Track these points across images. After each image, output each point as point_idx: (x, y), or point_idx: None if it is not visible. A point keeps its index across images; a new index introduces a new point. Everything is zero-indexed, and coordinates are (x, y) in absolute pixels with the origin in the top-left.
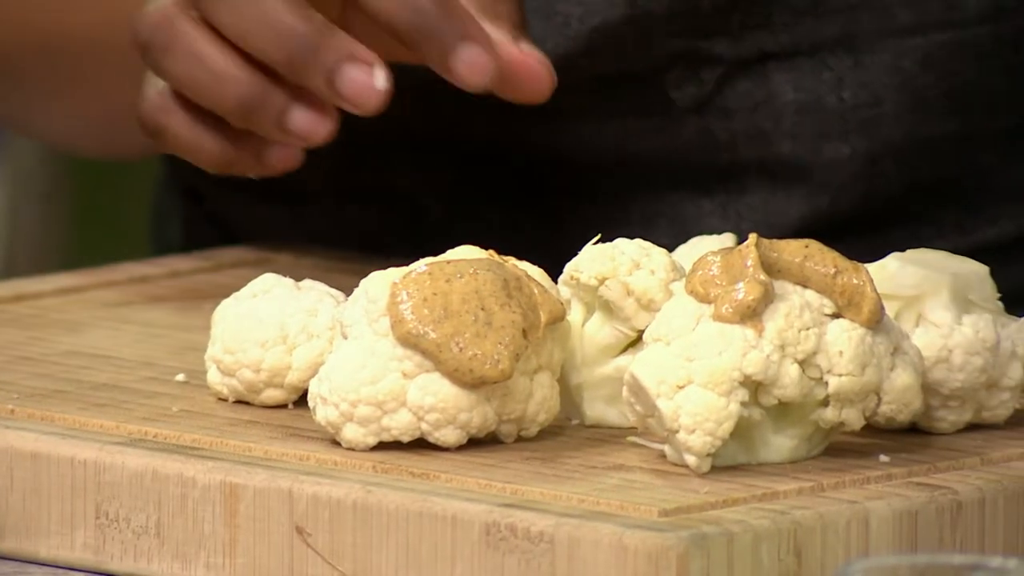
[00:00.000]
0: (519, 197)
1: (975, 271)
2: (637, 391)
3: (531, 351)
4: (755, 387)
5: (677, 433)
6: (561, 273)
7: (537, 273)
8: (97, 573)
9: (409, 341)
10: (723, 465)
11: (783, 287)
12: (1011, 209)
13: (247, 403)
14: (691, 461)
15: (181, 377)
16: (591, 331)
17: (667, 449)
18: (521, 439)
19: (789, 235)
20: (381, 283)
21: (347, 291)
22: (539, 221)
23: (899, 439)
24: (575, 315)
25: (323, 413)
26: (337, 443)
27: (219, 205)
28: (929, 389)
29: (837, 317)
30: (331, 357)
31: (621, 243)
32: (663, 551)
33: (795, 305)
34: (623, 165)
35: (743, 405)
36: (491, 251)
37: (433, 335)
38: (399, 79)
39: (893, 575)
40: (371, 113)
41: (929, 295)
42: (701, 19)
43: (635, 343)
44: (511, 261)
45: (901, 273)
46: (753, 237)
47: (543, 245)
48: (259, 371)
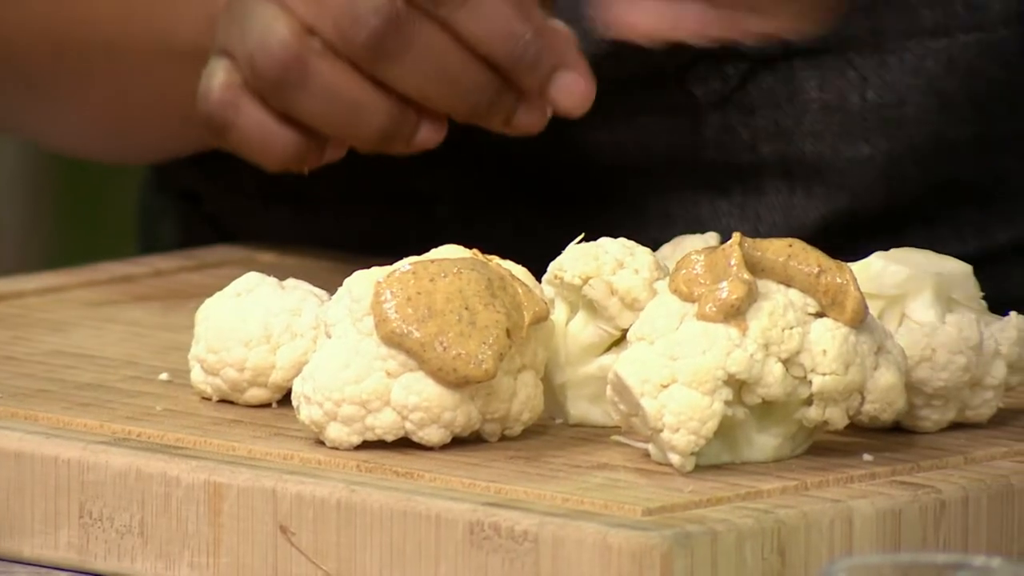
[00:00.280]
0: (533, 201)
1: (958, 270)
2: (621, 390)
3: (515, 350)
4: (739, 386)
5: (661, 432)
6: None
7: (521, 272)
8: (81, 572)
9: (393, 340)
10: (707, 464)
11: (767, 286)
12: None
13: (231, 402)
14: (675, 460)
15: (165, 376)
16: (575, 330)
17: (651, 448)
18: (505, 438)
19: (808, 236)
20: (365, 282)
21: (331, 290)
22: (552, 224)
23: (883, 438)
24: (559, 314)
25: (307, 412)
26: (321, 442)
27: (219, 207)
28: (912, 388)
29: (821, 316)
30: (315, 356)
31: (605, 242)
32: (647, 550)
33: (779, 304)
34: (641, 166)
35: (727, 404)
36: (475, 250)
37: (417, 334)
38: None
39: (877, 574)
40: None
41: (912, 294)
42: None
43: (619, 342)
44: (495, 260)
45: (884, 272)
46: (737, 236)
47: (556, 249)
48: (243, 370)
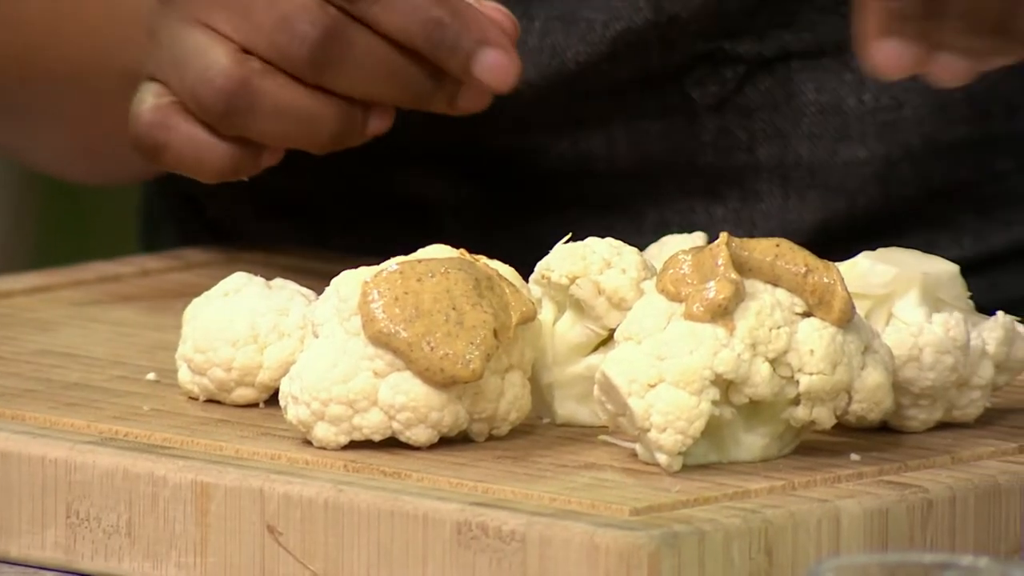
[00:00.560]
0: (532, 207)
1: (945, 270)
2: (608, 390)
3: (502, 350)
4: (726, 386)
5: (648, 432)
6: None
7: (508, 272)
8: (68, 572)
9: (380, 340)
10: (694, 464)
11: (754, 286)
12: None
13: (218, 402)
14: (662, 460)
15: (152, 376)
16: (562, 330)
17: (638, 448)
18: (492, 438)
19: (804, 241)
20: (352, 282)
21: (318, 290)
22: (552, 230)
23: (870, 438)
24: (546, 314)
25: (294, 412)
26: (308, 442)
27: (220, 214)
28: (900, 388)
29: (808, 316)
30: (302, 356)
31: (592, 242)
32: (634, 550)
33: (766, 304)
34: (638, 169)
35: (714, 404)
36: (462, 250)
37: (404, 334)
38: None
39: (864, 574)
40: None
41: (900, 294)
42: (727, 20)
43: (606, 342)
44: (482, 260)
45: (872, 272)
46: (724, 236)
47: None
48: (230, 370)
